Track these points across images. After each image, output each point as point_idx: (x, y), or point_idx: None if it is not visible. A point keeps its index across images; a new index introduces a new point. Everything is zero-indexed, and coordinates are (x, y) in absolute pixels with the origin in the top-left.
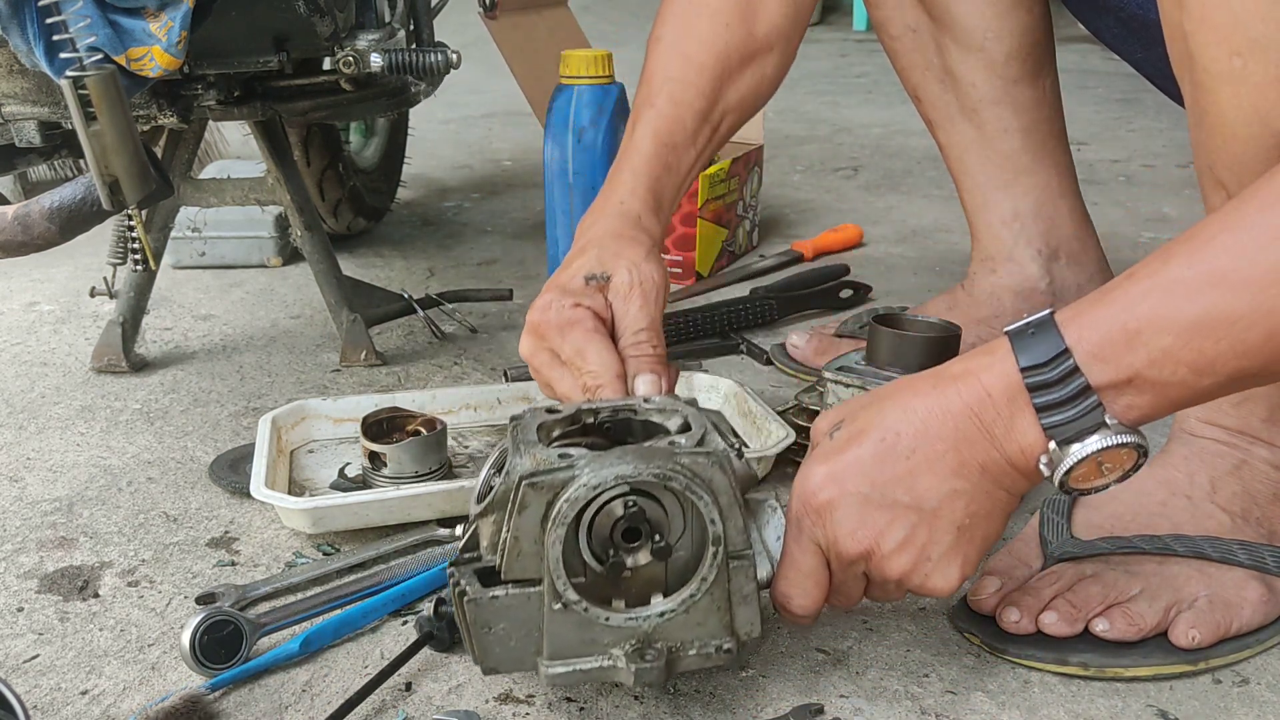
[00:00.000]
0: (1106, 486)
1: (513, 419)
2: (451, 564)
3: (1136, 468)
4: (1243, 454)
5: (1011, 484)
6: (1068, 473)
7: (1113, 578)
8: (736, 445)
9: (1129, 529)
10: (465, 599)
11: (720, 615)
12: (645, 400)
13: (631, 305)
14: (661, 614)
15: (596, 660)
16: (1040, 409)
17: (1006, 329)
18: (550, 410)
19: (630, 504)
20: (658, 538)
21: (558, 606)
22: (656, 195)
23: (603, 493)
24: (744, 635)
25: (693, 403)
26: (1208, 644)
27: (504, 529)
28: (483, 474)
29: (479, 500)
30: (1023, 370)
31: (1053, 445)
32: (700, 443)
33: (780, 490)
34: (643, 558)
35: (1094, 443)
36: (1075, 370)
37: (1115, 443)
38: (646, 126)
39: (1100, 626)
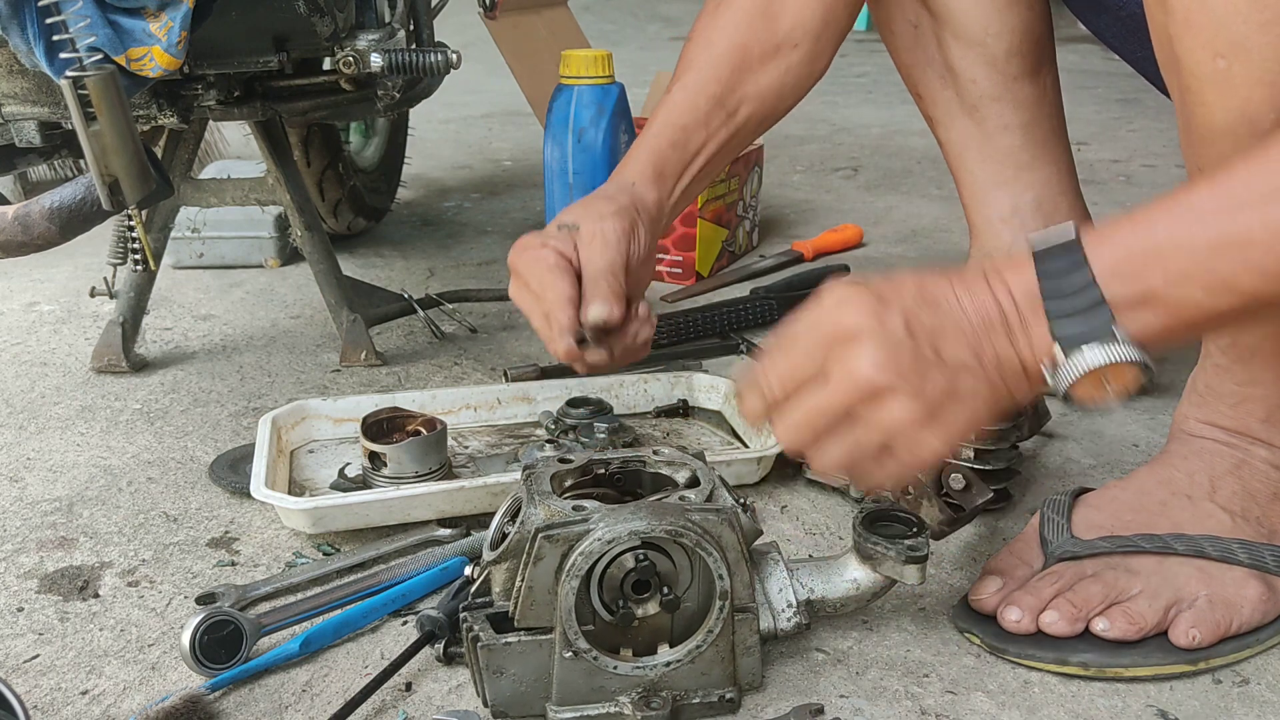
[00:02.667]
0: (1108, 408)
1: (525, 468)
2: (464, 608)
3: (1142, 392)
4: (1242, 454)
5: (1015, 384)
6: (1071, 383)
7: (1113, 577)
8: (742, 500)
9: (1129, 528)
10: (479, 644)
11: (724, 666)
12: (654, 453)
13: (593, 251)
14: (668, 664)
15: (604, 707)
16: (1053, 316)
17: (1031, 242)
18: (563, 460)
19: (641, 557)
20: (666, 590)
21: (568, 654)
22: (658, 168)
23: (616, 547)
24: (746, 685)
25: (700, 456)
26: (1208, 643)
27: (519, 578)
28: (495, 521)
29: (493, 547)
30: (1040, 276)
31: (1058, 351)
32: (709, 498)
33: (778, 488)
34: (651, 608)
35: (1098, 354)
36: (1092, 283)
37: (1120, 357)
38: (661, 110)
39: (1100, 626)
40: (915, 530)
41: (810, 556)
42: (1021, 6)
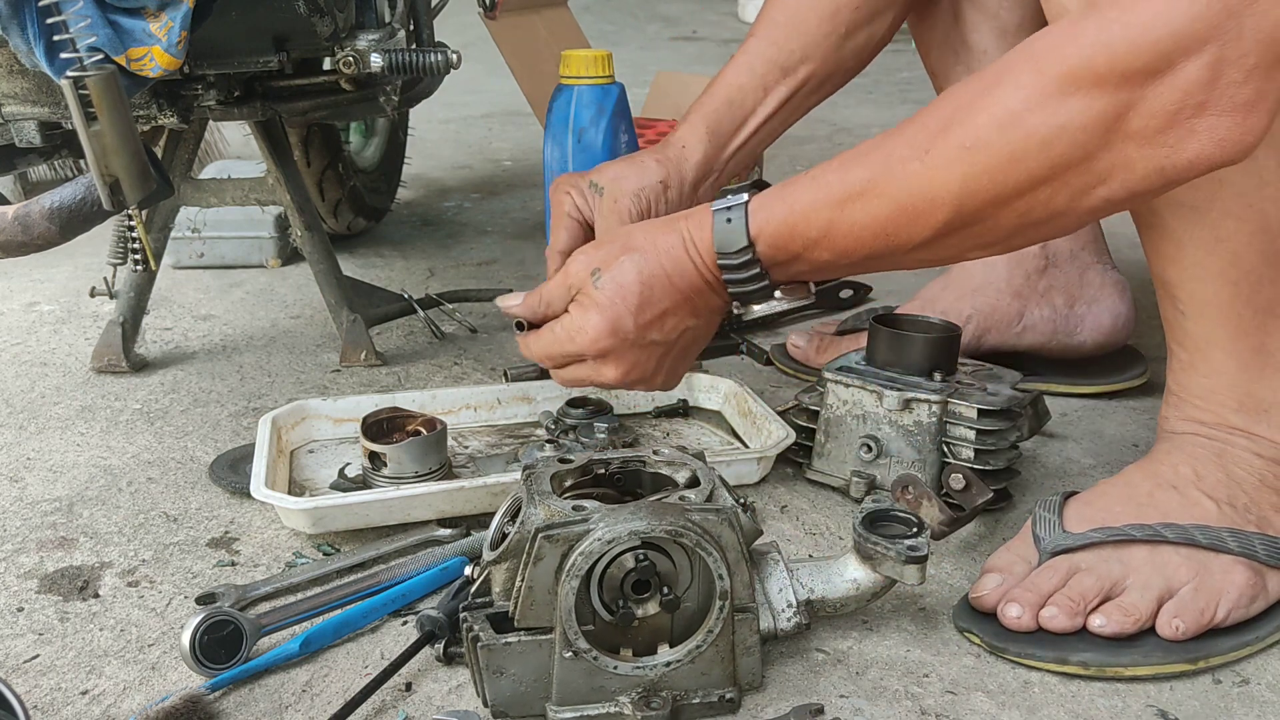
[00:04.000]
0: (780, 310)
1: (526, 468)
2: (464, 608)
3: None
4: (1222, 444)
5: (722, 312)
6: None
7: (1106, 569)
8: (742, 500)
9: (1119, 520)
10: (479, 644)
11: (724, 665)
12: (654, 453)
13: (600, 219)
14: (668, 664)
15: (604, 707)
16: (729, 284)
17: (713, 206)
18: (563, 460)
19: (641, 557)
20: (666, 590)
21: (568, 654)
22: (711, 125)
23: (616, 547)
24: (746, 685)
25: (700, 456)
26: (1193, 632)
27: (519, 578)
28: (495, 521)
29: (493, 547)
30: (718, 255)
31: (735, 304)
32: (709, 498)
33: (778, 488)
34: (651, 608)
35: (763, 308)
36: (754, 260)
37: (782, 308)
38: (718, 74)
39: (1097, 623)
40: (915, 530)
41: (810, 556)
42: None
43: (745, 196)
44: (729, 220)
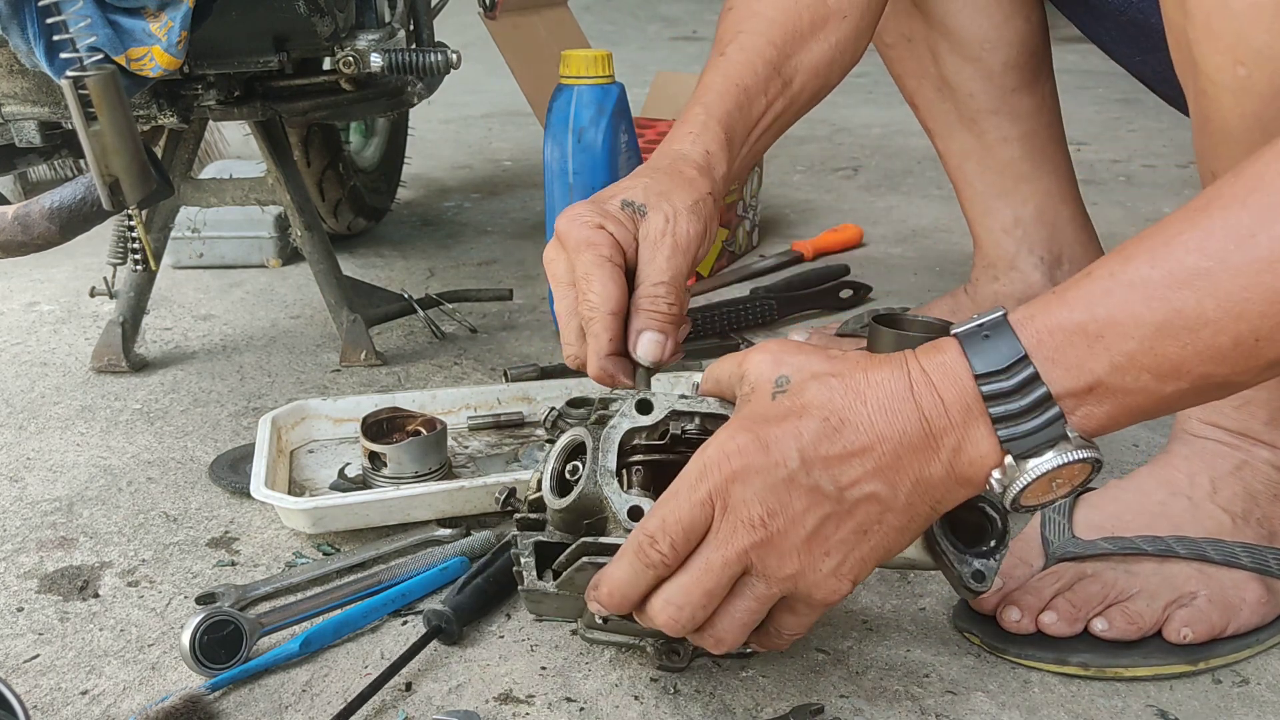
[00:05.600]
0: (1052, 503)
1: (601, 403)
2: (518, 522)
3: (1086, 483)
4: (1244, 455)
5: (944, 497)
6: (1021, 491)
7: (1112, 577)
8: None
9: (1130, 529)
10: (520, 587)
11: None
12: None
13: (659, 253)
14: None
15: (630, 639)
16: (997, 420)
17: (955, 330)
18: (641, 407)
19: None
20: None
21: (600, 620)
22: (729, 131)
23: None
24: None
25: None
26: (1201, 642)
27: (564, 554)
28: (553, 457)
29: (555, 491)
30: (978, 377)
31: (1009, 460)
32: None
33: None
34: None
35: (1052, 459)
36: (1035, 378)
37: (1075, 459)
38: (717, 72)
39: (1099, 626)
40: (994, 540)
41: None
42: (1018, 19)
43: (998, 312)
44: (985, 335)
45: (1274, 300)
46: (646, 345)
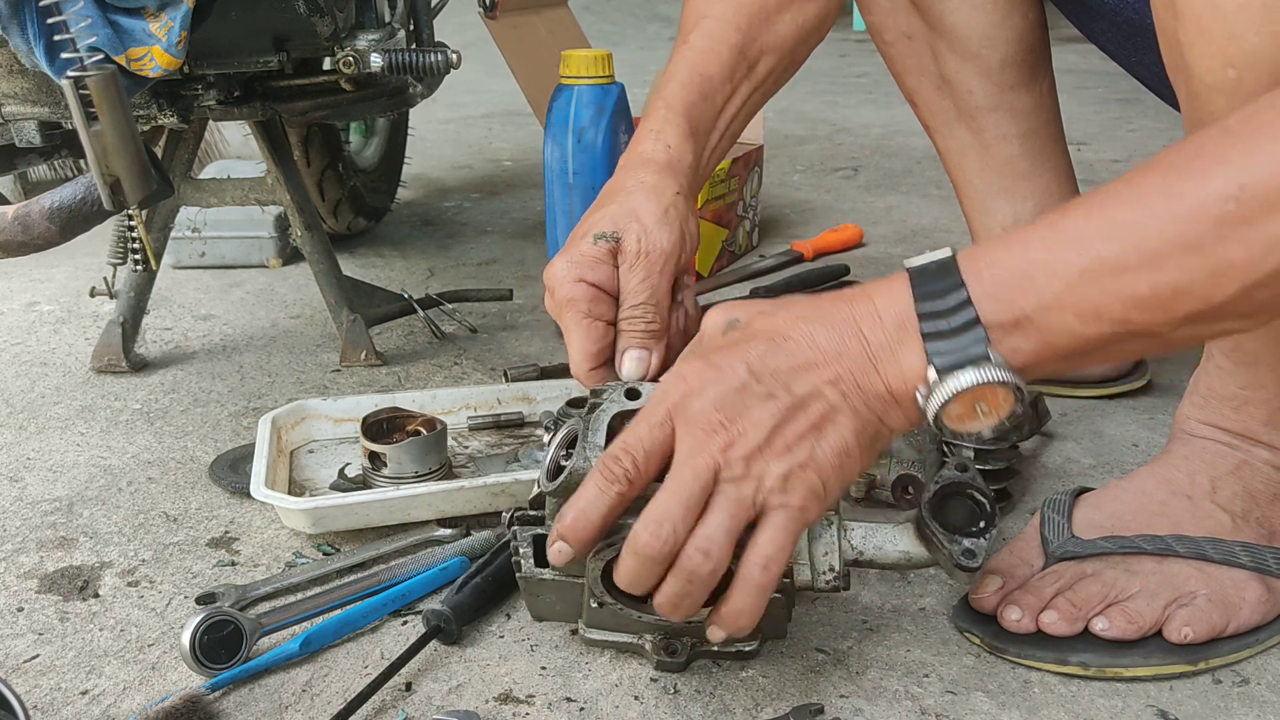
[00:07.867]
0: (980, 435)
1: (593, 394)
2: (518, 517)
3: (1013, 417)
4: (1243, 455)
5: (883, 411)
6: (943, 406)
7: (1112, 577)
8: None
9: (1130, 528)
10: (519, 573)
11: None
12: None
13: (634, 276)
14: (690, 620)
15: (629, 637)
16: (926, 336)
17: (907, 263)
18: (630, 394)
19: None
20: None
21: (595, 605)
22: (692, 122)
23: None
24: (769, 635)
25: None
26: (1201, 641)
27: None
28: (552, 447)
29: (549, 477)
30: (917, 299)
31: (932, 374)
32: None
33: None
34: None
35: (971, 375)
36: (968, 302)
37: (994, 378)
38: (680, 60)
39: (1099, 625)
40: (983, 523)
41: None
42: (1016, 16)
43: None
44: (932, 268)
45: (1191, 253)
46: (630, 363)
